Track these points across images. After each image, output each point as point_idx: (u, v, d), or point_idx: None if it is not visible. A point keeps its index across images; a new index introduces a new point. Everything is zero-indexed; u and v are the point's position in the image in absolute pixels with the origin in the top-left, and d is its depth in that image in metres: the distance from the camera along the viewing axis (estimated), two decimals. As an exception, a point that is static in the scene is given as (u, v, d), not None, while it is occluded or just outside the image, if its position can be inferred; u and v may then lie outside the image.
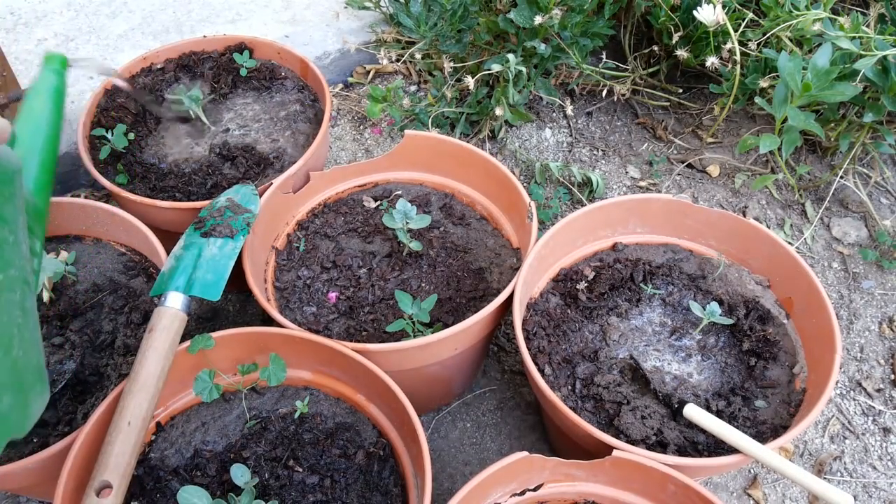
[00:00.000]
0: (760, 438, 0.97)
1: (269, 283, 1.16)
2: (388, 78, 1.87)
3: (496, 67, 1.43)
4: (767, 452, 0.90)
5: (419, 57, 1.76)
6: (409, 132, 1.28)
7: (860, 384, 1.35)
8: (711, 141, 1.74)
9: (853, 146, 1.50)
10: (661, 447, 0.97)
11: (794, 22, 1.31)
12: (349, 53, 1.86)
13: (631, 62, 1.75)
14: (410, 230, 1.18)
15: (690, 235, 1.22)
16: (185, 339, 0.98)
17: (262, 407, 1.04)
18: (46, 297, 1.08)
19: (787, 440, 0.93)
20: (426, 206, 1.29)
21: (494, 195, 1.27)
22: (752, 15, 1.39)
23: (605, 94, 1.72)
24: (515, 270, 1.16)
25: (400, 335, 1.09)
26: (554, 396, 0.95)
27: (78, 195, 1.58)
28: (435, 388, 1.23)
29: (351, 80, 1.87)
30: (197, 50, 1.48)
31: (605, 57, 1.64)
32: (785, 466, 0.89)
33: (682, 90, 1.81)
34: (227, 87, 1.43)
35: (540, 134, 1.72)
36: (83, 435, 0.89)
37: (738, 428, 0.96)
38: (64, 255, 1.14)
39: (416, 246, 1.18)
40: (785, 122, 1.32)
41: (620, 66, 1.72)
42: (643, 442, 0.96)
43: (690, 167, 1.69)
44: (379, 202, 1.30)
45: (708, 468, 0.93)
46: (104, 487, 0.84)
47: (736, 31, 1.37)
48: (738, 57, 1.38)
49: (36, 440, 0.95)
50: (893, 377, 1.36)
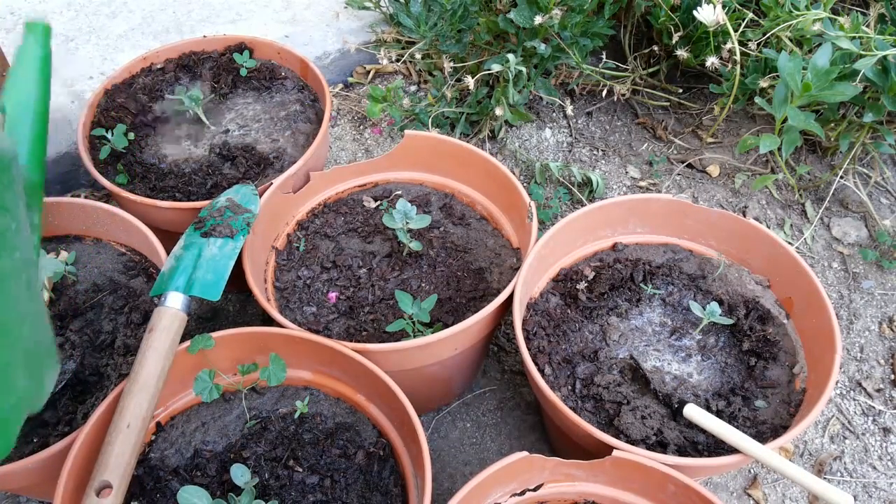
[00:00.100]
0: (760, 438, 0.97)
1: (269, 283, 1.16)
2: (388, 78, 1.87)
3: (496, 67, 1.43)
4: (767, 452, 0.90)
5: (419, 57, 1.76)
6: (408, 132, 1.28)
7: (860, 384, 1.35)
8: (711, 141, 1.74)
9: (853, 146, 1.50)
10: (661, 447, 0.97)
11: (794, 22, 1.31)
12: (349, 53, 1.86)
13: (631, 62, 1.75)
14: (410, 230, 1.18)
15: (690, 235, 1.22)
16: (185, 339, 0.98)
17: (262, 407, 1.04)
18: (46, 297, 1.08)
19: (787, 440, 0.93)
20: (426, 206, 1.29)
21: (494, 195, 1.27)
22: (752, 15, 1.39)
23: (605, 94, 1.72)
24: (515, 270, 1.16)
25: (400, 335, 1.09)
26: (554, 396, 0.95)
27: (78, 195, 1.58)
28: (435, 388, 1.23)
29: (351, 80, 1.87)
30: (197, 50, 1.48)
31: (605, 57, 1.64)
32: (785, 466, 0.89)
33: (682, 90, 1.81)
34: (227, 87, 1.43)
35: (540, 134, 1.72)
36: (83, 435, 0.89)
37: (738, 428, 0.96)
38: (64, 255, 1.14)
39: (416, 246, 1.17)
40: (785, 122, 1.32)
41: (620, 66, 1.72)
42: (643, 442, 0.96)
43: (690, 167, 1.69)
44: (379, 202, 1.30)
45: (708, 468, 0.93)
46: (104, 487, 0.84)
47: (736, 31, 1.37)
48: (738, 57, 1.38)
49: (36, 440, 0.95)
50: (893, 377, 1.36)
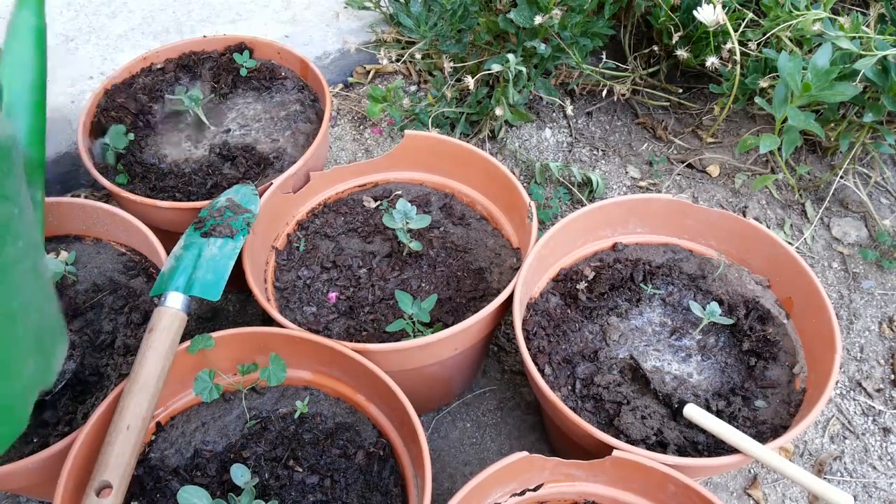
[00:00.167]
0: (760, 438, 0.97)
1: (269, 283, 1.16)
2: (388, 78, 1.87)
3: (496, 67, 1.43)
4: (767, 452, 0.89)
5: (419, 57, 1.76)
6: (408, 132, 1.28)
7: (860, 384, 1.35)
8: (711, 141, 1.74)
9: (853, 146, 1.50)
10: (661, 447, 0.97)
11: (794, 22, 1.31)
12: (349, 53, 1.86)
13: (631, 62, 1.75)
14: (410, 230, 1.18)
15: (690, 235, 1.22)
16: (185, 339, 0.98)
17: (262, 407, 1.04)
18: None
19: (787, 440, 0.93)
20: (426, 206, 1.29)
21: (494, 195, 1.27)
22: (752, 15, 1.39)
23: (605, 94, 1.72)
24: (515, 270, 1.16)
25: (400, 335, 1.09)
26: (554, 396, 0.95)
27: (78, 195, 1.58)
28: (435, 388, 1.23)
29: (351, 80, 1.87)
30: (197, 50, 1.48)
31: (605, 57, 1.64)
32: (785, 466, 0.89)
33: (682, 90, 1.81)
34: (227, 87, 1.43)
35: (540, 134, 1.72)
36: (83, 435, 0.88)
37: (738, 428, 0.96)
38: (64, 255, 1.14)
39: (416, 246, 1.17)
40: (785, 122, 1.32)
41: (620, 66, 1.71)
42: (643, 442, 0.96)
43: (690, 167, 1.69)
44: (379, 202, 1.30)
45: (708, 468, 0.93)
46: (104, 487, 0.84)
47: (736, 31, 1.37)
48: (738, 57, 1.38)
49: (36, 440, 0.95)
50: (893, 377, 1.36)
